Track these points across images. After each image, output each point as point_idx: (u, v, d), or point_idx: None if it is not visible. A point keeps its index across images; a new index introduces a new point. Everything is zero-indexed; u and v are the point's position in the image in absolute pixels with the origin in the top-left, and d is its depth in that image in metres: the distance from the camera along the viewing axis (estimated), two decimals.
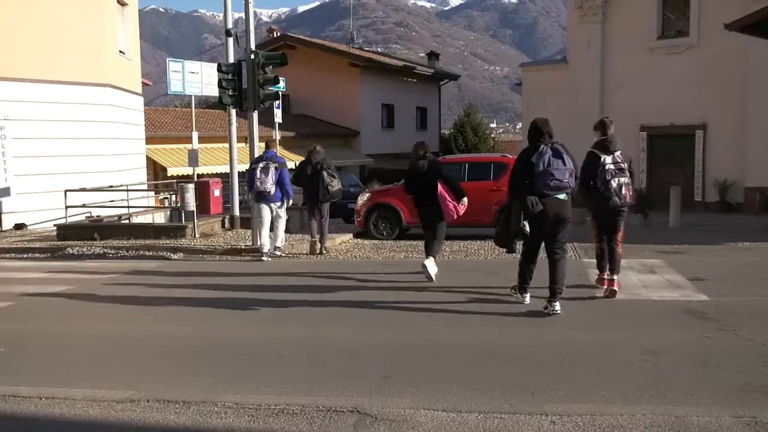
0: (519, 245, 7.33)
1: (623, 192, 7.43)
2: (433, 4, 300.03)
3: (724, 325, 6.34)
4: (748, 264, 10.13)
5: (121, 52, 19.60)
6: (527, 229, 6.81)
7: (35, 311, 7.92)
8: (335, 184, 11.75)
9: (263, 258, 11.45)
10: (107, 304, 8.25)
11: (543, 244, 7.07)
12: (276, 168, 11.31)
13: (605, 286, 7.78)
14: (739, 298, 7.53)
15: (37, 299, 8.52)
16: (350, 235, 14.61)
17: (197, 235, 13.98)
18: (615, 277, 7.70)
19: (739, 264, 10.11)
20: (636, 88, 23.72)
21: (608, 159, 7.43)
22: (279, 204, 11.63)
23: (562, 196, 6.78)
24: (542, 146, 6.77)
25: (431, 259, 8.88)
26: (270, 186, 11.19)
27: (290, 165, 24.61)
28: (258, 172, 11.21)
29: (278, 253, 11.80)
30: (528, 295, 7.32)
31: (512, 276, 7.66)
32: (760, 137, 21.36)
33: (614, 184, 7.39)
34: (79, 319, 7.47)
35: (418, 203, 9.12)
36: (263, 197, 11.34)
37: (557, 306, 6.81)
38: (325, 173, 11.69)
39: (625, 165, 7.55)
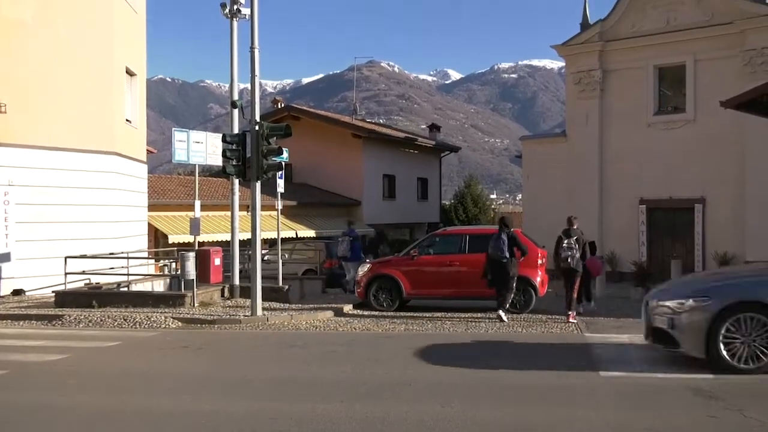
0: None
1: (568, 261, 12.60)
2: (435, 78, 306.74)
3: (730, 404, 6.22)
4: None
5: (127, 120, 19.93)
6: (489, 276, 12.68)
7: (29, 381, 7.79)
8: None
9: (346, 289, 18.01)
10: (103, 375, 8.13)
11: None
12: (350, 240, 18.28)
13: (572, 319, 12.36)
14: (744, 376, 7.41)
15: (31, 368, 8.40)
16: (350, 306, 14.52)
17: (196, 304, 13.90)
18: (571, 312, 12.54)
19: None
20: (635, 162, 24.00)
21: (565, 241, 12.70)
22: (353, 264, 17.60)
23: (504, 260, 12.44)
24: (500, 232, 12.66)
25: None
26: (346, 252, 18.20)
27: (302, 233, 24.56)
28: (339, 242, 18.77)
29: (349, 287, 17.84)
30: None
31: (510, 349, 7.50)
32: (759, 212, 21.49)
33: (563, 255, 12.68)
34: (74, 389, 7.34)
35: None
36: (344, 258, 18.47)
37: (500, 314, 12.40)
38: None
39: (576, 245, 12.64)
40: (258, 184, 12.93)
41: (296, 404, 6.49)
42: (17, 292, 16.39)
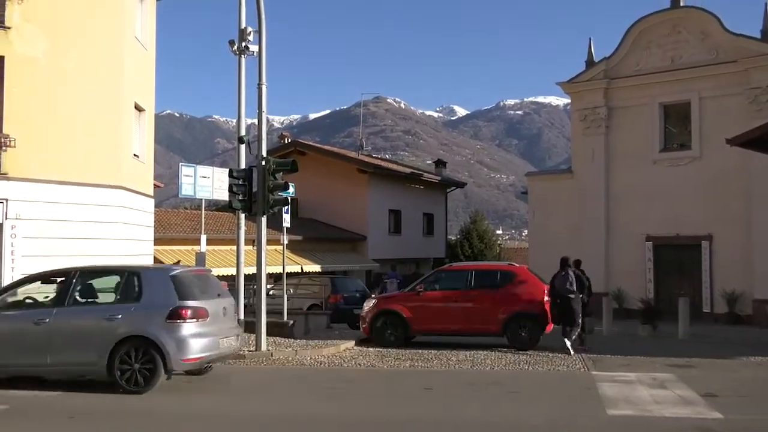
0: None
1: (581, 297, 13.95)
2: (441, 114, 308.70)
3: None
4: (761, 380, 9.91)
5: (135, 155, 20.04)
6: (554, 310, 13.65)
7: (29, 416, 7.72)
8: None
9: None
10: (101, 411, 8.06)
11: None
12: (397, 282, 19.74)
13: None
14: (754, 416, 7.31)
15: (31, 402, 8.34)
16: (355, 342, 14.40)
17: None
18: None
19: (752, 380, 9.89)
20: (641, 199, 23.98)
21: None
22: None
23: (571, 296, 13.46)
24: (563, 270, 13.70)
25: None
26: (394, 291, 17.98)
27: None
28: (387, 283, 20.29)
29: None
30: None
31: (516, 387, 7.42)
32: (767, 249, 21.38)
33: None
34: (72, 426, 7.27)
35: None
36: None
37: (567, 343, 13.12)
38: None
39: (587, 282, 14.32)
40: (264, 219, 12.96)
41: None
42: None
